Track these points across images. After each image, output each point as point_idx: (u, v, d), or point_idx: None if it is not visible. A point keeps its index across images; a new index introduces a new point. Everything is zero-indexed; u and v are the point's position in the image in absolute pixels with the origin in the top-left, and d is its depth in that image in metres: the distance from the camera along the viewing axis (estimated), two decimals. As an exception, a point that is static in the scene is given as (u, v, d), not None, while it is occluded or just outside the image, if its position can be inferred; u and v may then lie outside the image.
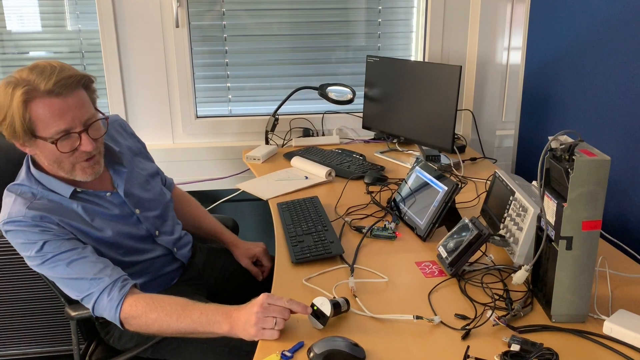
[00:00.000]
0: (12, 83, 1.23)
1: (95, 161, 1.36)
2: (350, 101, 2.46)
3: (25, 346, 2.40)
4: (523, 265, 1.21)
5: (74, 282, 1.30)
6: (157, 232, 1.54)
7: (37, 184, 1.35)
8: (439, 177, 1.59)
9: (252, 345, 1.10)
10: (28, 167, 1.37)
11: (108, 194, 1.44)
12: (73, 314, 1.47)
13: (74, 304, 1.49)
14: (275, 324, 1.12)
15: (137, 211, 1.49)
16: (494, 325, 1.14)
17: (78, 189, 1.37)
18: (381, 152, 2.38)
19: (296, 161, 2.18)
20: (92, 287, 1.28)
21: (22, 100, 1.21)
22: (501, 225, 1.46)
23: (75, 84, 1.27)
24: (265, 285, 1.66)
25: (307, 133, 2.58)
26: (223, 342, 1.39)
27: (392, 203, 1.76)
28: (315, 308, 1.14)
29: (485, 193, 1.70)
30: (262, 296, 1.16)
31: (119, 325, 1.29)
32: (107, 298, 1.27)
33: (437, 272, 1.38)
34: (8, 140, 1.29)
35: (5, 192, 1.35)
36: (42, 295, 2.32)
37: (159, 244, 1.54)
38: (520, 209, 1.37)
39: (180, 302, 1.26)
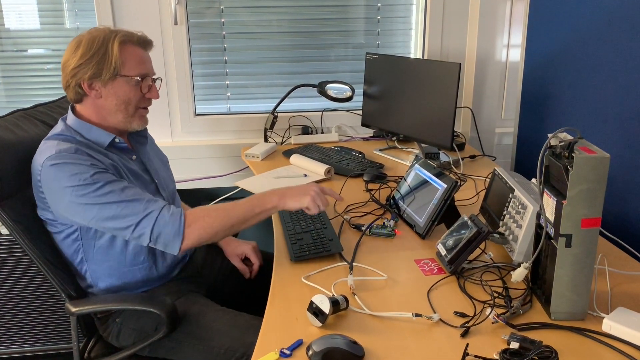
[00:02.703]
0: (105, 30, 1.46)
1: (147, 112, 1.56)
2: (349, 99, 2.45)
3: (25, 344, 2.40)
4: (522, 263, 1.21)
5: (130, 205, 1.35)
6: None
7: (76, 134, 1.46)
8: (438, 175, 1.59)
9: (247, 347, 1.11)
10: (64, 121, 1.49)
11: (133, 156, 1.56)
12: (73, 309, 1.47)
13: (74, 299, 1.49)
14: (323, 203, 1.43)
15: (156, 181, 1.58)
16: (493, 323, 1.13)
17: (116, 139, 1.49)
18: (380, 150, 2.38)
19: (295, 159, 2.18)
20: (150, 207, 1.36)
21: (121, 41, 1.44)
22: (500, 223, 1.46)
23: (151, 46, 1.55)
24: (263, 282, 1.65)
25: (306, 131, 2.58)
26: (219, 343, 1.40)
27: (391, 201, 1.76)
28: (314, 306, 1.13)
29: (485, 191, 1.70)
30: (315, 184, 1.47)
31: (179, 242, 1.35)
32: (169, 213, 1.36)
33: (436, 269, 1.38)
34: (79, 80, 1.42)
35: (44, 141, 1.45)
36: (41, 293, 2.32)
37: None
38: (520, 206, 1.37)
39: (230, 202, 1.46)
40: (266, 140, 2.48)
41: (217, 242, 1.80)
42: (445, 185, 1.53)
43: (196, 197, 2.57)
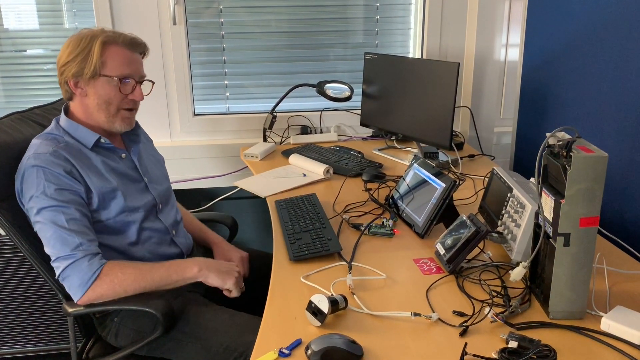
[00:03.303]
0: (95, 30, 1.48)
1: (132, 114, 1.57)
2: (348, 98, 2.45)
3: (25, 344, 2.40)
4: (521, 262, 1.21)
5: (62, 238, 1.36)
6: (160, 206, 1.61)
7: (64, 133, 1.49)
8: (437, 174, 1.59)
9: (246, 346, 1.11)
10: (57, 120, 1.53)
11: (123, 154, 1.58)
12: (70, 310, 1.46)
13: (71, 300, 1.49)
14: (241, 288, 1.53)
15: (146, 179, 1.59)
16: (491, 322, 1.14)
17: (102, 139, 1.51)
18: (379, 150, 2.38)
19: (294, 159, 2.18)
20: (76, 250, 1.36)
21: (103, 41, 1.46)
22: (499, 222, 1.46)
23: (141, 48, 1.55)
24: (261, 281, 1.66)
25: (305, 130, 2.58)
26: (217, 342, 1.40)
27: (390, 200, 1.76)
28: (313, 305, 1.14)
29: (483, 190, 1.70)
30: (239, 261, 1.62)
31: (81, 293, 1.35)
32: (87, 262, 1.36)
33: (435, 269, 1.38)
34: (66, 78, 1.46)
35: (33, 139, 1.49)
36: (40, 294, 2.32)
37: (159, 218, 1.60)
38: (518, 205, 1.37)
39: (152, 262, 1.46)
40: (265, 140, 2.48)
41: (207, 241, 1.81)
42: (444, 185, 1.53)
43: (195, 197, 2.57)
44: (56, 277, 1.39)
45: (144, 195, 1.58)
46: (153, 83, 1.62)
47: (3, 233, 1.49)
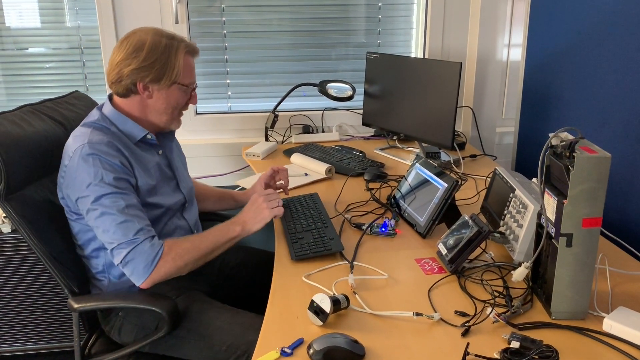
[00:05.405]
0: (163, 33, 1.50)
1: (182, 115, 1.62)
2: (350, 98, 2.45)
3: (26, 342, 2.40)
4: (523, 263, 1.21)
5: (122, 226, 1.38)
6: (187, 204, 1.64)
7: (111, 124, 1.50)
8: (439, 174, 1.59)
9: (248, 345, 1.10)
10: (100, 109, 1.53)
11: (160, 151, 1.60)
12: (76, 306, 1.47)
13: (77, 296, 1.50)
14: (278, 202, 1.50)
15: (177, 177, 1.63)
16: (493, 322, 1.14)
17: (148, 135, 1.53)
18: (381, 149, 2.38)
19: (296, 158, 2.18)
20: (140, 234, 1.38)
21: (186, 51, 1.51)
22: (501, 223, 1.46)
23: (198, 55, 1.60)
24: (263, 280, 1.66)
25: (306, 130, 2.58)
26: (220, 341, 1.40)
27: (392, 200, 1.76)
28: (315, 305, 1.14)
29: (485, 190, 1.70)
30: (257, 193, 1.54)
31: (147, 275, 1.37)
32: (149, 244, 1.39)
33: (436, 269, 1.38)
34: (134, 80, 1.45)
35: (79, 127, 1.49)
36: (42, 292, 2.32)
37: (185, 217, 1.63)
38: (520, 206, 1.37)
39: (198, 234, 1.54)
40: (267, 139, 2.48)
41: (235, 199, 1.89)
42: (446, 185, 1.53)
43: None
44: (117, 264, 1.39)
45: (176, 194, 1.60)
46: (196, 86, 1.65)
47: (6, 230, 1.49)
